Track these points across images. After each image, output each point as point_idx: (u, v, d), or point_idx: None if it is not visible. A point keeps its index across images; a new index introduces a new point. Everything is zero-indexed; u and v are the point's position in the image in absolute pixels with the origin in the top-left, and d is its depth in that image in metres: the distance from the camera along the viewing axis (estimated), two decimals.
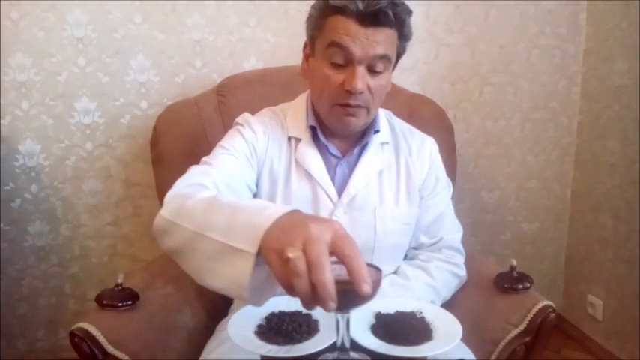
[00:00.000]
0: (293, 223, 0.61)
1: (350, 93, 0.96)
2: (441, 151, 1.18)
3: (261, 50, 1.74)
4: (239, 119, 1.10)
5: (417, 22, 1.78)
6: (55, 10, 1.62)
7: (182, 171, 0.96)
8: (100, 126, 1.71)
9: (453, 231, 1.17)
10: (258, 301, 0.67)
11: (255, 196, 1.05)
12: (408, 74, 1.84)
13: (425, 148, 1.14)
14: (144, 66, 1.69)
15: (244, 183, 1.01)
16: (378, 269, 0.73)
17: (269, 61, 1.74)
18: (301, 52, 1.06)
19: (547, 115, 1.98)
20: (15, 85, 1.64)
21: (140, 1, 1.65)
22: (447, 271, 1.12)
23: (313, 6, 1.00)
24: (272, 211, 0.64)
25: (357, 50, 0.93)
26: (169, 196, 0.85)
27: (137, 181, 1.76)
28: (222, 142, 1.05)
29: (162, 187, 1.47)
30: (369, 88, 0.97)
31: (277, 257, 0.59)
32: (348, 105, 0.97)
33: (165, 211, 0.80)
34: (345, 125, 1.01)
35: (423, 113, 1.54)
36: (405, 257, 1.16)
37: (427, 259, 1.13)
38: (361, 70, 0.95)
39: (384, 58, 0.96)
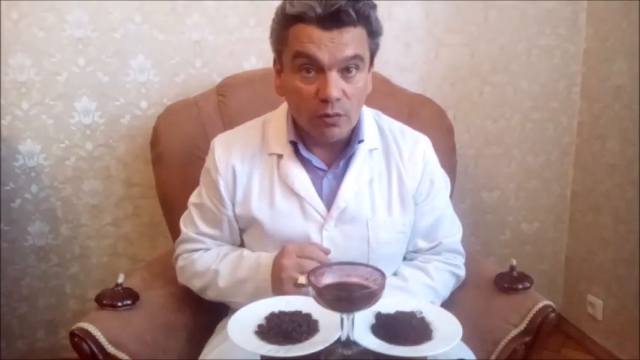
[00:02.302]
0: (276, 275, 0.97)
1: (326, 102, 0.91)
2: (441, 152, 1.17)
3: (261, 50, 1.73)
4: (207, 161, 1.10)
5: (417, 22, 1.83)
6: (55, 10, 1.61)
7: (182, 171, 0.97)
8: (100, 126, 1.71)
9: (452, 233, 1.15)
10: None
11: (247, 216, 1.05)
12: (408, 74, 1.84)
13: (417, 150, 1.09)
14: (144, 66, 1.69)
15: (230, 228, 1.10)
16: (382, 274, 0.73)
17: (269, 61, 1.71)
18: None
19: (547, 115, 1.98)
20: (15, 85, 1.64)
21: (140, 1, 1.65)
22: (447, 271, 1.12)
23: (274, 19, 0.97)
24: (263, 271, 1.00)
25: (324, 56, 0.89)
26: (185, 279, 1.13)
27: (137, 181, 1.76)
28: (202, 199, 1.09)
29: (162, 187, 1.47)
30: (345, 93, 0.92)
31: (287, 289, 0.94)
32: (327, 115, 0.92)
33: (193, 287, 1.12)
34: (328, 137, 0.97)
35: (423, 113, 1.54)
36: (404, 259, 1.14)
37: (426, 260, 1.12)
38: (333, 76, 0.91)
39: (356, 58, 0.92)
